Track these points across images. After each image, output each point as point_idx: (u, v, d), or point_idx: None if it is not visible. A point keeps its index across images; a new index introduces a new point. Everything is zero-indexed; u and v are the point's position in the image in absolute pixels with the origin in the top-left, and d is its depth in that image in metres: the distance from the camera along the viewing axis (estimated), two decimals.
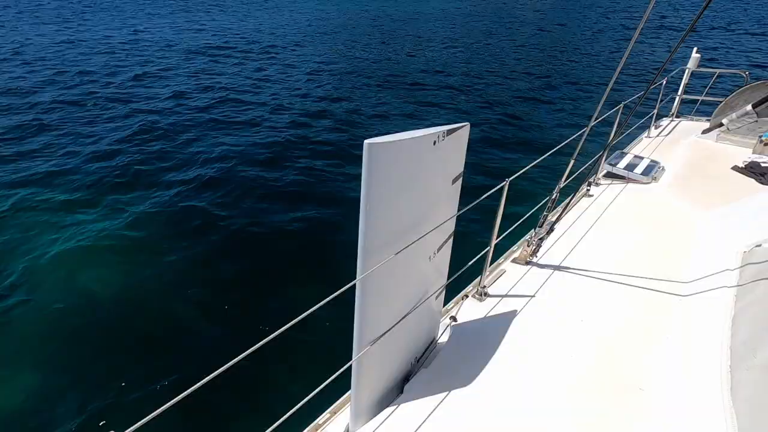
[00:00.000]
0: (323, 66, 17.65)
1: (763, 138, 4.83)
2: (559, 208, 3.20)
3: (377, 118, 11.79)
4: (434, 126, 1.72)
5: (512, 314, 2.59)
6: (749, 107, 5.01)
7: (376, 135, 1.45)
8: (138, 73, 15.47)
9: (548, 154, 2.90)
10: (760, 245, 2.67)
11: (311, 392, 1.65)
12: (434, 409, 2.02)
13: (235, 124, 11.10)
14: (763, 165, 4.44)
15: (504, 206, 2.45)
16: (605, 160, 4.48)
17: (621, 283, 2.85)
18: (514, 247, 3.26)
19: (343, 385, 1.93)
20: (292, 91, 14.24)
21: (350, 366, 1.80)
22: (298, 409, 1.65)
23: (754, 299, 2.26)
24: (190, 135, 10.20)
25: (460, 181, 2.00)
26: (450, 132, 1.73)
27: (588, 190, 4.16)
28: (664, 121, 6.22)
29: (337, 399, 2.20)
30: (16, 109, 11.57)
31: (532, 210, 3.14)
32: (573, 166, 2.88)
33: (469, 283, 2.88)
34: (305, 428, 2.06)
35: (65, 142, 9.58)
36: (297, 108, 12.40)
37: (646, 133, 5.78)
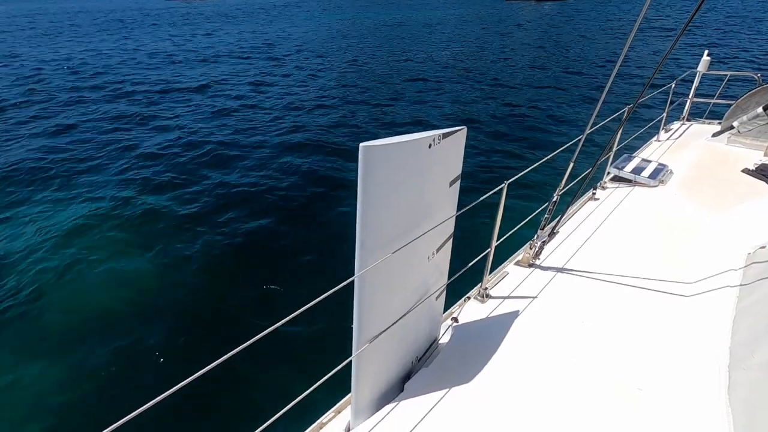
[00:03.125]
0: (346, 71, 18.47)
1: None
2: (564, 212, 3.22)
3: (389, 118, 12.24)
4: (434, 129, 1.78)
5: (513, 316, 2.62)
6: (760, 109, 4.94)
7: (383, 136, 1.52)
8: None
9: (547, 158, 2.93)
10: (764, 246, 2.66)
11: (311, 389, 1.70)
12: (433, 408, 2.05)
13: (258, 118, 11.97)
14: None
15: (504, 208, 2.49)
16: (611, 164, 4.47)
17: (624, 284, 2.85)
18: (519, 250, 3.29)
19: (347, 385, 1.98)
20: (315, 93, 15.15)
21: (351, 363, 1.86)
22: (302, 407, 1.70)
23: (755, 299, 2.25)
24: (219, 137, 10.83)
25: (458, 183, 2.05)
26: (446, 135, 1.78)
27: (594, 193, 4.16)
28: (675, 125, 6.16)
29: (341, 398, 2.24)
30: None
31: (535, 212, 3.17)
32: (575, 169, 2.90)
33: (473, 285, 2.92)
34: (309, 426, 2.11)
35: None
36: (315, 109, 13.13)
37: (655, 137, 5.74)
